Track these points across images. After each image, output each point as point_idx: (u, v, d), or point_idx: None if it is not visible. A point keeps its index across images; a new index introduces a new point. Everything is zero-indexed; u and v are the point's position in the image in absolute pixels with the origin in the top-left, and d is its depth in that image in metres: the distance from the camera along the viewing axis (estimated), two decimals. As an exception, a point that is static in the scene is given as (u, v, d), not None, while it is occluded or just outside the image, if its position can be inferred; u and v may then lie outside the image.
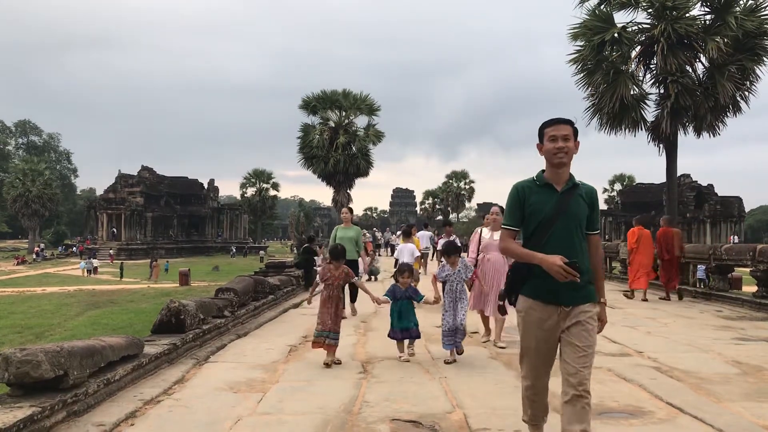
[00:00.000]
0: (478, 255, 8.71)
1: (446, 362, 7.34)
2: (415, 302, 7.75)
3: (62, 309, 27.11)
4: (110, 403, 5.41)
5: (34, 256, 68.54)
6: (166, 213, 77.05)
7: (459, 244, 9.69)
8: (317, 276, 7.96)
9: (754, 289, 13.62)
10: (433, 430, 4.93)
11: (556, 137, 3.93)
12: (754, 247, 13.59)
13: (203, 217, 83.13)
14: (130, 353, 6.15)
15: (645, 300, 14.35)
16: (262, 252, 73.45)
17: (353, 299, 11.87)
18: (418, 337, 7.80)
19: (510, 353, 7.92)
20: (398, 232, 37.15)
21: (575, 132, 4.04)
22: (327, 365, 7.21)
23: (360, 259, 12.75)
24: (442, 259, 8.06)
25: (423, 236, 20.49)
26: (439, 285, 7.82)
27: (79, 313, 25.68)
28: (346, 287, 9.79)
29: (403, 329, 7.63)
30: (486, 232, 8.81)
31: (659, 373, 6.90)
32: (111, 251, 66.23)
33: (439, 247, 14.21)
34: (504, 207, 6.74)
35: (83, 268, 51.90)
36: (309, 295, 8.44)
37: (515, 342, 5.96)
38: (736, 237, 64.02)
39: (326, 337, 7.35)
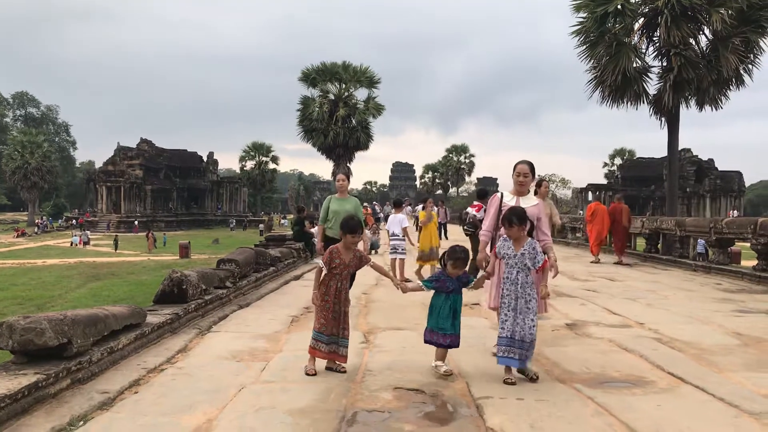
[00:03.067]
0: (496, 230, 6.26)
1: (505, 382, 5.23)
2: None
3: (63, 281, 27.19)
4: (114, 372, 5.43)
5: (36, 229, 68.55)
6: (165, 186, 76.97)
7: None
8: (320, 261, 5.87)
9: (753, 262, 13.64)
10: (436, 398, 4.95)
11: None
12: (755, 220, 13.58)
13: (203, 190, 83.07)
14: (133, 322, 6.16)
15: (597, 262, 17.27)
16: (261, 225, 73.50)
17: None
18: (453, 345, 5.62)
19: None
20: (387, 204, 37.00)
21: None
22: (311, 375, 5.54)
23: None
24: (501, 230, 5.94)
25: (393, 221, 13.26)
26: (497, 263, 5.74)
27: (80, 285, 25.77)
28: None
29: (455, 333, 5.58)
30: (508, 197, 6.35)
31: (660, 344, 6.92)
32: (136, 222, 66.35)
33: (441, 219, 13.78)
34: (532, 165, 6.32)
35: (75, 242, 52.00)
36: (315, 292, 5.75)
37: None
38: (735, 211, 64.07)
39: (328, 343, 5.65)
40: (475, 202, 12.49)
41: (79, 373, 4.97)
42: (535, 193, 8.61)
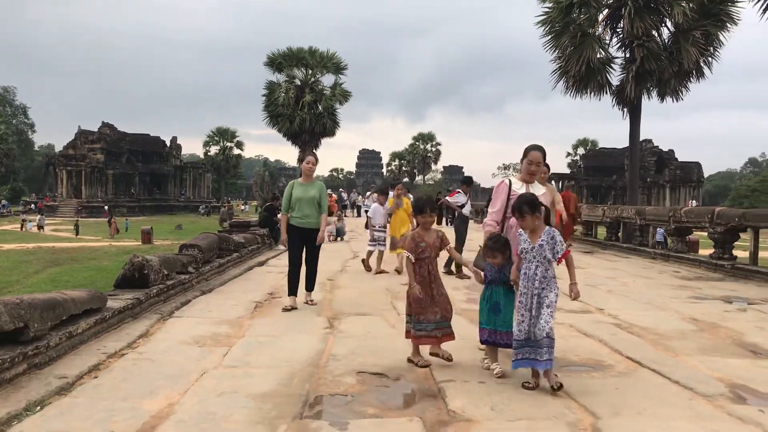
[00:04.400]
0: (504, 219, 5.69)
1: (524, 386, 4.81)
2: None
3: (21, 266, 26.60)
4: (73, 356, 5.35)
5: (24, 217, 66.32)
6: (127, 170, 75.65)
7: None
8: (405, 249, 5.58)
9: (710, 251, 13.97)
10: (398, 382, 4.98)
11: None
12: (712, 209, 13.89)
13: (166, 175, 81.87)
14: (93, 307, 6.06)
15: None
16: (237, 206, 72.74)
17: (310, 286, 8.61)
18: (510, 345, 5.01)
19: (474, 310, 8.01)
20: (368, 193, 36.93)
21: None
22: (446, 359, 5.38)
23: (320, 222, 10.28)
24: (511, 220, 5.50)
25: (378, 211, 12.76)
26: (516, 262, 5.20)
27: (39, 271, 25.23)
28: (315, 265, 8.56)
29: (495, 330, 5.18)
30: (517, 184, 5.79)
31: (619, 330, 7.06)
32: (106, 207, 64.83)
33: (457, 203, 12.42)
34: (545, 152, 5.76)
35: (30, 227, 50.92)
36: (414, 285, 5.44)
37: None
38: (694, 201, 65.47)
39: (437, 328, 5.42)
40: (457, 190, 12.96)
41: (36, 358, 4.88)
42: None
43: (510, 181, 5.88)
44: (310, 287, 8.64)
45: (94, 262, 27.74)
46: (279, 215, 18.31)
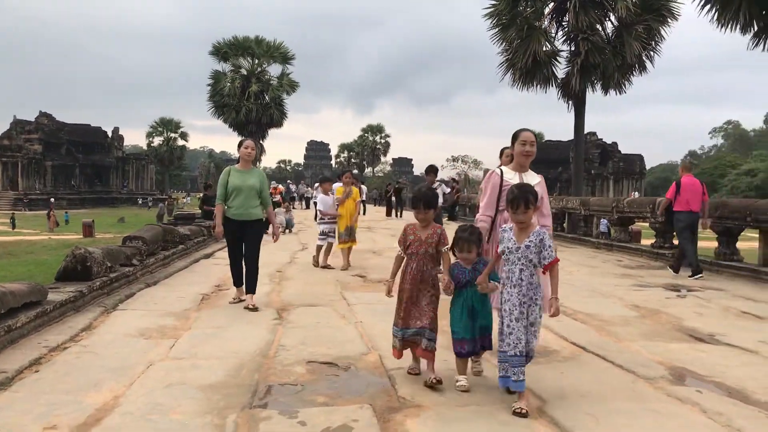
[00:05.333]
0: (496, 213, 5.19)
1: (515, 413, 4.01)
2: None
3: (-46, 261, 25.57)
4: (12, 350, 5.18)
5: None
6: (67, 162, 73.47)
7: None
8: (400, 246, 4.88)
9: (652, 241, 14.38)
10: (349, 371, 4.98)
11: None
12: (653, 200, 14.30)
13: (107, 167, 79.88)
14: (33, 300, 5.87)
15: None
16: (161, 206, 71.27)
17: (251, 287, 7.67)
18: (490, 347, 4.61)
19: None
20: (316, 185, 36.70)
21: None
22: (435, 383, 4.51)
23: (269, 218, 8.28)
24: (504, 215, 4.96)
25: (327, 202, 11.90)
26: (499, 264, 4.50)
27: (-27, 265, 24.30)
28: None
29: (474, 337, 4.53)
30: (509, 173, 5.26)
31: (565, 317, 7.20)
32: (52, 200, 62.48)
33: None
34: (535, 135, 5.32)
35: None
36: (389, 281, 5.01)
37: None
38: (636, 193, 67.21)
39: (416, 335, 4.65)
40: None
41: (-27, 353, 4.71)
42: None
43: (501, 170, 5.32)
44: (250, 288, 7.66)
45: (33, 256, 26.86)
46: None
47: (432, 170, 12.11)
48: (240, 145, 7.85)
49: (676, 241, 13.59)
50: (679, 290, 9.35)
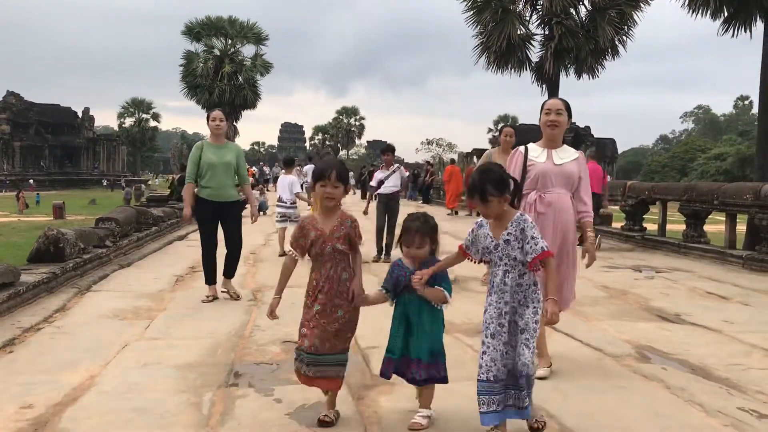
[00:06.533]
0: (520, 198, 3.98)
1: None
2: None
3: None
4: (-15, 332, 5.17)
5: None
6: (36, 143, 72.15)
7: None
8: (290, 244, 3.80)
9: (622, 224, 14.63)
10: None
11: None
12: (624, 183, 14.55)
13: (78, 147, 78.56)
14: (5, 281, 5.85)
15: (455, 214, 21.56)
16: (143, 186, 70.58)
17: (230, 271, 7.14)
18: (442, 379, 3.65)
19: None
20: (297, 168, 36.22)
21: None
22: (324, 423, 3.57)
23: (245, 197, 7.59)
24: (529, 198, 4.50)
25: (282, 184, 11.15)
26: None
27: (-60, 247, 23.90)
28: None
29: (403, 357, 3.62)
30: (536, 151, 4.60)
31: (536, 297, 7.36)
32: (31, 182, 61.33)
33: (373, 182, 10.49)
34: (567, 104, 4.57)
35: None
36: (275, 298, 3.91)
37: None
38: (608, 177, 68.02)
39: (312, 362, 3.57)
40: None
41: (-54, 334, 4.69)
42: (496, 145, 7.78)
43: (526, 147, 4.63)
44: (229, 272, 7.09)
45: (2, 238, 26.40)
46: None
47: (389, 149, 10.88)
48: (207, 118, 7.04)
49: (646, 224, 13.87)
50: (648, 271, 9.56)
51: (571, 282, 4.70)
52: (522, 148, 4.67)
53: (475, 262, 3.57)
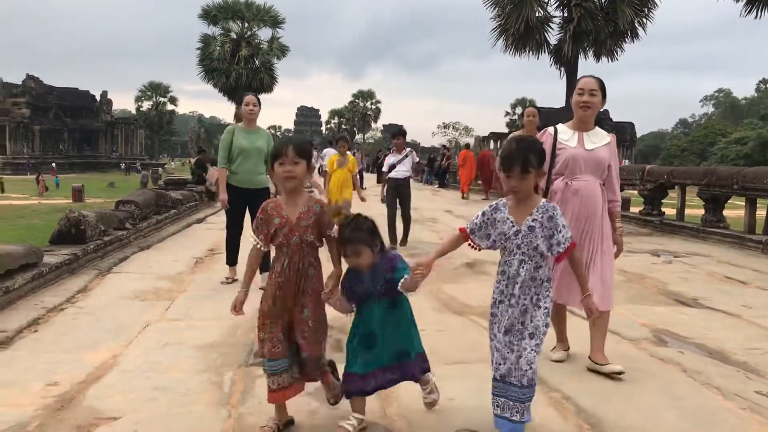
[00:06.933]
0: (549, 180, 4.23)
1: None
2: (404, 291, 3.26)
3: (-57, 225, 25.50)
4: (11, 311, 5.27)
5: None
6: (55, 126, 72.75)
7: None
8: (252, 230, 3.37)
9: (640, 208, 14.54)
10: (342, 330, 5.10)
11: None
12: (643, 167, 14.43)
13: (96, 131, 79.13)
14: (29, 262, 5.95)
15: (467, 198, 21.25)
16: (160, 169, 70.95)
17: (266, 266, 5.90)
18: (414, 377, 3.39)
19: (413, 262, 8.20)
20: (324, 151, 36.09)
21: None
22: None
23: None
24: (556, 183, 4.24)
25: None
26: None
27: (-37, 230, 24.26)
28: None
29: (377, 369, 3.26)
30: (567, 133, 4.30)
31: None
32: (53, 165, 61.94)
33: (385, 167, 10.00)
34: (602, 82, 4.28)
35: None
36: (241, 291, 3.49)
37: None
38: (627, 161, 67.36)
39: (278, 371, 3.24)
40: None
41: (-27, 313, 4.79)
42: (519, 127, 7.69)
43: (556, 129, 4.33)
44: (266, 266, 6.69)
45: (23, 220, 26.77)
46: (210, 170, 14.53)
47: (400, 133, 10.33)
48: (241, 101, 6.93)
49: (664, 209, 13.77)
50: (666, 256, 9.51)
51: (610, 277, 4.27)
52: (551, 129, 4.33)
53: (477, 250, 3.23)
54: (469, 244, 3.21)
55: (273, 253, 3.35)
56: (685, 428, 3.43)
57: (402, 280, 3.18)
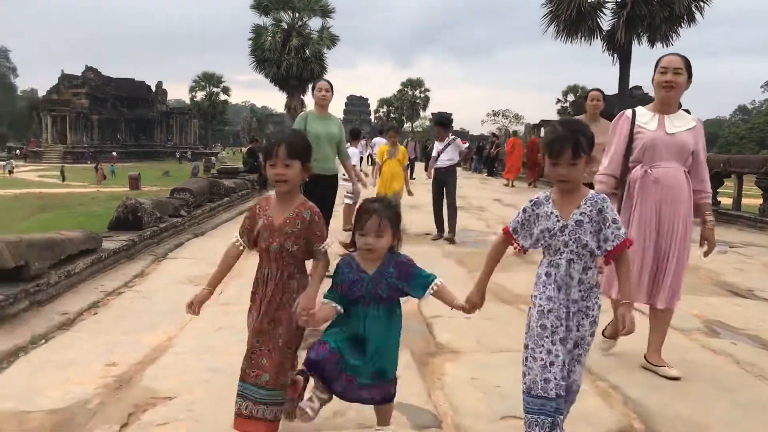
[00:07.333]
0: (625, 170, 4.03)
1: None
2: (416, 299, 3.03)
3: (10, 212, 26.56)
4: (72, 294, 5.50)
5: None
6: (113, 116, 74.74)
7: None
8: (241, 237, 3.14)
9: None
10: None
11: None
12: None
13: (151, 121, 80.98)
14: (89, 247, 6.19)
15: (512, 186, 21.24)
16: (213, 159, 72.18)
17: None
18: (385, 400, 2.94)
19: (461, 251, 8.24)
20: (374, 140, 36.06)
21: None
22: None
23: (344, 176, 7.82)
24: (634, 172, 3.98)
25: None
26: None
27: (27, 216, 25.21)
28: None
29: (356, 380, 2.81)
30: (646, 116, 3.99)
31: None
32: (114, 153, 64.08)
33: (434, 153, 9.63)
34: (687, 60, 3.95)
35: (3, 167, 51.20)
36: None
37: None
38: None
39: (248, 398, 2.90)
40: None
41: (38, 295, 5.02)
42: (579, 112, 6.78)
43: (634, 112, 4.02)
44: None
45: (83, 207, 27.70)
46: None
47: (439, 122, 10.00)
48: (314, 87, 6.88)
49: (720, 198, 13.42)
50: (721, 246, 9.29)
51: (681, 274, 4.05)
52: (629, 111, 4.03)
53: (521, 252, 2.86)
54: (515, 246, 2.87)
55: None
56: (735, 420, 3.39)
57: (429, 290, 2.84)
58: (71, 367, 3.95)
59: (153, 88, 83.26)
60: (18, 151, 71.85)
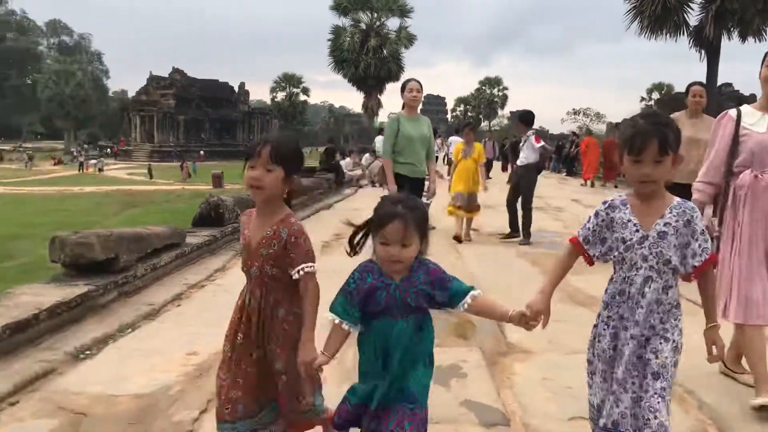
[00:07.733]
0: (729, 175, 3.59)
1: None
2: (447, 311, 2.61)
3: (101, 208, 27.85)
4: (157, 287, 5.79)
5: (80, 156, 68.86)
6: (197, 116, 77.29)
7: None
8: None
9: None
10: (461, 316, 5.20)
11: None
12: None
13: (234, 121, 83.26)
14: (173, 242, 6.49)
15: (591, 186, 20.91)
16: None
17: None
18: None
19: (535, 252, 8.16)
20: (450, 138, 35.33)
21: None
22: None
23: (430, 173, 7.31)
24: (740, 179, 3.52)
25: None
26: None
27: (117, 212, 26.39)
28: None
29: (362, 403, 2.41)
30: (754, 116, 3.54)
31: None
32: (201, 152, 66.70)
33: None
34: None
35: (94, 165, 54.28)
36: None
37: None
38: None
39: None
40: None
41: (126, 287, 5.31)
42: (674, 110, 6.43)
43: (739, 112, 3.57)
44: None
45: (169, 204, 28.77)
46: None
47: (525, 119, 9.65)
48: (403, 88, 6.64)
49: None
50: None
51: None
52: (733, 111, 3.58)
53: (590, 264, 2.51)
54: (585, 258, 2.51)
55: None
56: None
57: (470, 297, 2.37)
58: (155, 355, 4.17)
59: (236, 89, 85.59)
60: (108, 150, 75.33)
